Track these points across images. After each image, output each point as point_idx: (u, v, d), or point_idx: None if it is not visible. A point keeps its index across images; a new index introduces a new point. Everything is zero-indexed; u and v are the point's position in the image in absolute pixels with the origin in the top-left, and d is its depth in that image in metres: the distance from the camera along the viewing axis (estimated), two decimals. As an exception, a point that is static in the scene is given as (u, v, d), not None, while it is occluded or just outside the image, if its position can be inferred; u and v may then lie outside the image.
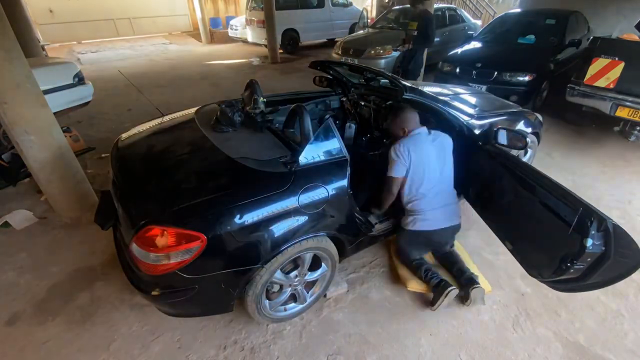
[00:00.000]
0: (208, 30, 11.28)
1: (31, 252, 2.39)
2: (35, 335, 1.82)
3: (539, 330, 1.85)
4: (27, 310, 1.97)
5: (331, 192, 1.60)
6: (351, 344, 1.77)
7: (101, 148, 3.74)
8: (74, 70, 4.03)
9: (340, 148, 1.67)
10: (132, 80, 6.69)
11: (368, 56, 6.05)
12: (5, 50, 2.03)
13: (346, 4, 10.06)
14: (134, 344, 1.78)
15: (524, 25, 5.31)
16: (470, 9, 11.65)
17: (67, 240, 2.48)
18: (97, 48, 10.17)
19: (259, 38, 9.01)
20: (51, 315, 1.93)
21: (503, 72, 4.38)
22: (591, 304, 1.99)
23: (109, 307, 1.97)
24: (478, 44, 5.28)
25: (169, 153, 1.78)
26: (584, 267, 1.37)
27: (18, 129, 2.24)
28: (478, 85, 4.35)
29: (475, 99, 2.76)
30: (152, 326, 1.86)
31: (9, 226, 2.61)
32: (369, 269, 2.23)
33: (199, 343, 1.78)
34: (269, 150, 1.70)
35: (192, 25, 12.90)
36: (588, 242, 1.28)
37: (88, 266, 2.26)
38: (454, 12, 7.58)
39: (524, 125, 2.61)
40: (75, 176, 2.61)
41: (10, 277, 2.19)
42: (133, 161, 1.78)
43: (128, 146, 1.91)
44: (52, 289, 2.10)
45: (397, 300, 2.02)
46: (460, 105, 2.32)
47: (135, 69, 7.76)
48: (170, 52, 9.92)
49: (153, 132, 2.03)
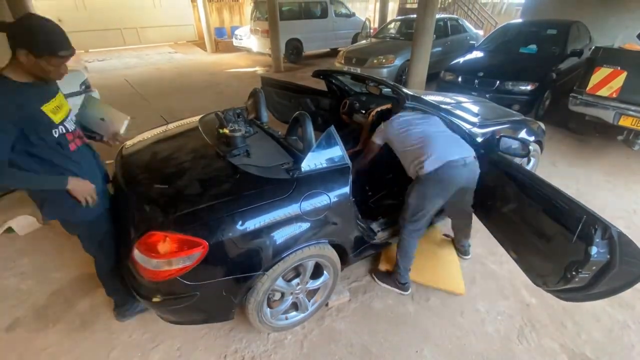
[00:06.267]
0: (213, 40, 11.46)
1: (33, 257, 2.40)
2: (34, 342, 1.81)
3: (545, 341, 1.82)
4: (27, 316, 1.96)
5: (333, 199, 1.59)
6: (353, 354, 1.75)
7: (105, 155, 3.76)
8: (81, 78, 4.09)
9: (342, 155, 1.67)
10: (137, 88, 6.79)
11: (371, 65, 6.11)
12: (14, 59, 2.06)
13: (349, 14, 10.20)
14: (133, 352, 1.76)
15: (525, 35, 5.36)
16: (472, 19, 11.77)
17: (69, 247, 2.48)
18: (104, 57, 10.36)
19: (263, 47, 9.13)
20: (51, 321, 1.93)
21: (505, 82, 4.40)
22: (597, 315, 1.96)
23: (109, 315, 1.96)
24: (480, 54, 5.32)
25: (172, 160, 1.79)
26: (589, 275, 1.35)
27: (24, 135, 2.25)
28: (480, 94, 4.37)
29: (477, 108, 2.77)
30: (152, 334, 1.85)
31: (13, 231, 2.63)
32: (371, 278, 2.21)
33: (199, 351, 1.76)
34: (271, 157, 1.70)
35: (197, 34, 13.13)
36: (593, 250, 1.26)
37: (89, 273, 2.25)
38: (456, 22, 7.66)
39: (526, 133, 2.61)
40: (79, 182, 2.62)
41: (12, 283, 2.19)
42: (137, 168, 1.79)
43: (132, 153, 1.92)
44: (53, 296, 2.10)
45: (400, 310, 2.00)
46: (462, 114, 2.32)
47: (141, 77, 7.87)
48: (176, 61, 10.07)
49: (157, 140, 2.05)
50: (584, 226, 1.31)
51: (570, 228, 1.37)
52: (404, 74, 5.98)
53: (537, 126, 2.78)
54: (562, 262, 1.42)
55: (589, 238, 1.28)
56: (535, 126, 2.76)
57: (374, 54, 6.28)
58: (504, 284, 2.17)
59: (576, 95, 3.74)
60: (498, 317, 1.96)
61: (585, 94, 3.65)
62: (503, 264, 2.29)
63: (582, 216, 1.32)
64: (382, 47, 6.64)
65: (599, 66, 3.49)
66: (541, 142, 2.79)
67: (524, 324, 1.91)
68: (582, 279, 1.36)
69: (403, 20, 7.73)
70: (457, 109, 2.43)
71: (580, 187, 3.24)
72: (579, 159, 3.81)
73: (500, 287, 2.15)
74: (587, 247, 1.28)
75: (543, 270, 1.58)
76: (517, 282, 2.15)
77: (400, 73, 6.18)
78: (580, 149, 4.06)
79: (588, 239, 1.28)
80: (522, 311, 1.99)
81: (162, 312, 1.57)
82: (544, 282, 1.58)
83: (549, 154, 3.72)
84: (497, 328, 1.89)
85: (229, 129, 1.72)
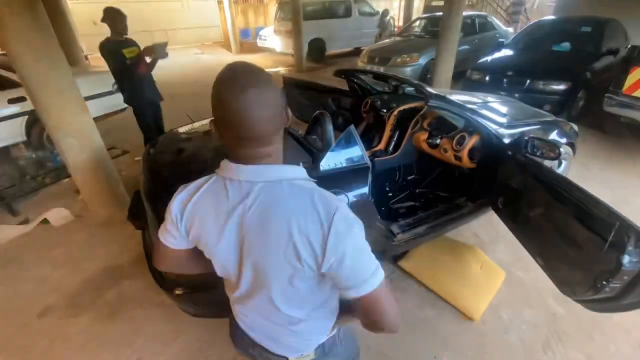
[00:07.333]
0: (238, 41, 11.68)
1: (66, 248, 2.53)
2: (64, 329, 1.92)
3: (571, 354, 1.73)
4: (58, 304, 2.08)
5: (352, 199, 1.58)
6: (369, 357, 1.73)
7: (135, 151, 3.93)
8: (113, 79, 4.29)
9: (362, 155, 1.66)
10: (165, 88, 7.02)
11: (394, 64, 6.03)
12: (51, 59, 2.19)
13: (373, 13, 10.11)
14: (156, 342, 1.83)
15: (558, 32, 5.11)
16: (502, 16, 11.36)
17: (99, 238, 2.61)
18: (135, 58, 10.78)
19: (286, 47, 9.21)
20: (81, 309, 2.03)
21: (536, 81, 4.21)
22: (627, 328, 1.84)
23: (134, 305, 2.04)
24: (509, 52, 5.12)
25: (196, 157, 1.84)
26: (620, 285, 1.27)
27: (60, 132, 2.40)
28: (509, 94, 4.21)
29: (505, 108, 2.67)
30: (174, 326, 1.91)
31: (48, 223, 2.79)
32: (390, 282, 2.18)
33: (218, 345, 1.80)
34: (290, 156, 1.71)
35: (223, 35, 13.41)
36: (625, 259, 1.19)
37: (117, 264, 2.36)
38: (484, 19, 7.41)
39: (557, 135, 2.48)
40: (109, 178, 2.76)
41: (46, 271, 2.33)
42: (163, 164, 1.86)
43: (158, 151, 1.99)
44: (83, 285, 2.21)
45: (419, 315, 1.96)
46: (489, 114, 2.24)
47: (168, 78, 8.12)
48: (202, 62, 10.34)
49: (182, 138, 2.11)
50: (616, 233, 1.24)
51: (602, 235, 1.29)
52: (429, 73, 5.85)
53: (569, 128, 2.64)
54: (592, 271, 1.34)
55: (622, 246, 1.21)
56: (567, 127, 2.62)
57: (397, 52, 6.18)
58: (530, 292, 2.08)
59: (612, 96, 3.55)
60: (522, 326, 1.88)
61: (621, 95, 3.46)
62: (530, 271, 2.20)
63: (615, 223, 1.25)
64: (406, 45, 6.53)
65: (636, 66, 3.30)
66: (573, 145, 2.65)
67: (550, 334, 1.83)
68: (613, 288, 1.28)
69: (429, 18, 7.56)
70: (483, 109, 2.35)
71: (614, 192, 3.05)
72: (613, 163, 3.59)
73: (526, 295, 2.06)
74: (619, 256, 1.20)
75: (571, 278, 1.50)
76: (544, 291, 2.06)
77: (424, 72, 6.05)
78: (615, 153, 3.82)
79: (620, 247, 1.21)
80: (548, 321, 1.90)
81: (183, 304, 1.62)
82: (572, 291, 1.50)
83: (582, 156, 3.54)
84: (521, 337, 1.82)
85: None
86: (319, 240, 0.61)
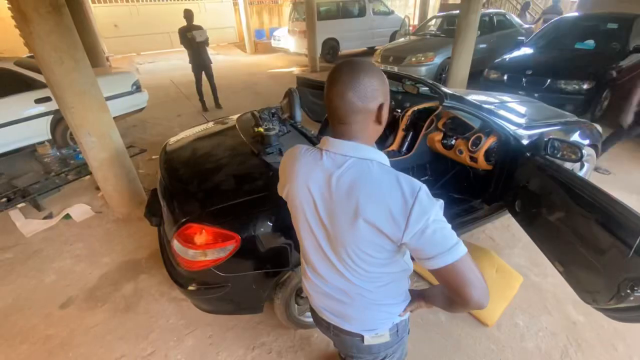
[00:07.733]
0: (253, 41, 11.79)
1: (87, 242, 2.62)
2: (84, 320, 1.99)
3: (593, 363, 1.67)
4: (79, 296, 2.15)
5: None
6: (380, 358, 1.72)
7: (152, 150, 4.03)
8: (133, 79, 4.42)
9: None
10: (182, 89, 7.17)
11: (408, 64, 5.95)
12: (75, 61, 2.28)
13: (388, 12, 10.01)
14: (170, 336, 1.87)
15: (582, 30, 4.93)
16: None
17: (118, 234, 2.69)
18: (154, 59, 11.04)
19: (300, 48, 9.23)
20: (100, 302, 2.10)
21: (557, 80, 4.08)
22: (655, 339, 1.76)
23: (150, 299, 2.10)
24: (529, 50, 4.98)
25: (210, 156, 1.88)
26: None
27: (82, 130, 2.48)
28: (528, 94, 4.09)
29: (524, 108, 2.59)
30: (187, 320, 1.95)
31: (70, 218, 2.90)
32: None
33: (228, 342, 1.83)
34: None
35: (238, 36, 13.56)
36: None
37: (134, 259, 2.43)
38: (503, 17, 7.23)
39: (579, 136, 2.39)
40: (128, 175, 2.84)
41: (68, 265, 2.42)
42: (178, 163, 1.90)
43: (175, 149, 2.03)
44: (102, 278, 2.28)
45: (431, 318, 1.93)
46: (506, 114, 2.18)
47: (185, 78, 8.27)
48: (218, 62, 10.47)
49: (198, 137, 2.15)
50: None
51: (627, 241, 1.23)
52: (444, 72, 5.76)
53: (592, 129, 2.55)
54: (616, 278, 1.28)
55: None
56: (590, 129, 2.53)
57: (412, 51, 6.10)
58: (548, 298, 2.02)
59: None
60: (539, 333, 1.82)
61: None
62: (548, 276, 2.13)
63: None
64: (421, 44, 6.44)
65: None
66: (597, 147, 2.55)
67: (569, 343, 1.77)
68: (638, 297, 1.23)
69: (445, 16, 7.44)
70: (501, 109, 2.29)
71: (639, 197, 2.93)
72: (639, 166, 3.45)
73: (543, 301, 2.00)
74: None
75: (593, 286, 1.44)
76: (563, 298, 1.99)
77: (440, 71, 5.95)
78: (643, 155, 3.66)
79: None
80: (567, 329, 1.84)
81: (196, 300, 1.65)
82: (593, 299, 1.44)
83: (606, 159, 3.40)
84: (538, 345, 1.76)
85: (264, 128, 1.77)
86: (402, 212, 0.67)
